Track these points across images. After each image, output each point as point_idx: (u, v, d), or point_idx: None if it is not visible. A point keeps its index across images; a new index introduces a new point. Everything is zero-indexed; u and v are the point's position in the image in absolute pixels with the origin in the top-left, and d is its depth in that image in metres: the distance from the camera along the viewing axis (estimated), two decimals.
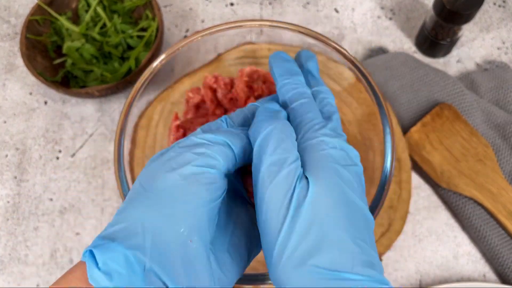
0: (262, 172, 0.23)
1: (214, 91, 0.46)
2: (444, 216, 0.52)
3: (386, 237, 0.49)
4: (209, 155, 0.24)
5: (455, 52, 0.60)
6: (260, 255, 0.28)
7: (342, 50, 0.40)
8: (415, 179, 0.53)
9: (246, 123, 0.29)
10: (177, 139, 0.44)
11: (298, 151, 0.25)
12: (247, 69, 0.46)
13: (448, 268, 0.50)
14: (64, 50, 0.57)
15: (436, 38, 0.56)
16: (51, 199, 0.54)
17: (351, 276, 0.20)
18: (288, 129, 0.25)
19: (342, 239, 0.21)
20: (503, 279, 0.49)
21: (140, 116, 0.45)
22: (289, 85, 0.28)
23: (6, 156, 0.57)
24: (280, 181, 0.22)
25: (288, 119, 0.28)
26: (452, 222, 0.52)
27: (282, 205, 0.22)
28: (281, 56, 0.31)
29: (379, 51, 0.60)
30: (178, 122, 0.45)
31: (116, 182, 0.38)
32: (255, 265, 0.33)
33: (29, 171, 0.56)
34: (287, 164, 0.23)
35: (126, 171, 0.38)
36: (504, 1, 0.63)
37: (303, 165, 0.24)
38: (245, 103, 0.45)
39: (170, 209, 0.22)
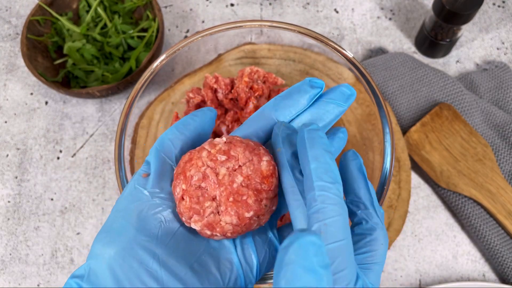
0: None
1: (214, 91, 0.46)
2: (443, 215, 0.52)
3: None
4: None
5: (455, 53, 0.60)
6: None
7: (342, 50, 0.40)
8: (415, 178, 0.54)
9: None
10: None
11: None
12: (247, 69, 0.46)
13: (448, 268, 0.50)
14: (65, 51, 0.57)
15: (435, 38, 0.56)
16: (51, 199, 0.54)
17: None
18: None
19: None
20: (502, 279, 0.49)
21: (141, 116, 0.45)
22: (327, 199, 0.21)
23: (7, 156, 0.57)
24: None
25: None
26: (451, 221, 0.52)
27: None
28: (322, 140, 0.22)
29: (378, 52, 0.60)
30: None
31: (116, 181, 0.38)
32: None
33: (30, 171, 0.56)
34: None
35: (126, 171, 0.38)
36: (503, 2, 0.63)
37: None
38: (246, 103, 0.45)
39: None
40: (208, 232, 0.24)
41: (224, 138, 0.25)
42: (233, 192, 0.23)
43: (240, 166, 0.24)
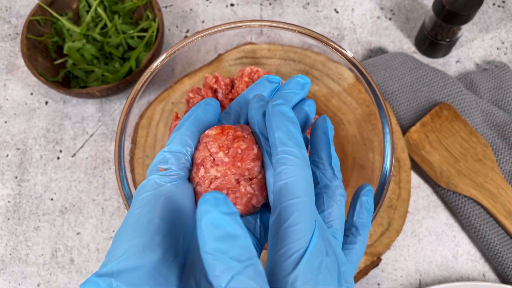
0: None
1: (214, 91, 0.46)
2: (443, 215, 0.52)
3: (386, 236, 0.49)
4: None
5: (455, 52, 0.60)
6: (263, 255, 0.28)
7: (342, 50, 0.40)
8: (415, 178, 0.54)
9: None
10: None
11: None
12: (247, 69, 0.46)
13: (448, 268, 0.50)
14: (65, 51, 0.57)
15: (435, 38, 0.56)
16: (51, 199, 0.55)
17: None
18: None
19: None
20: (502, 279, 0.49)
21: (141, 116, 0.45)
22: (289, 161, 0.23)
23: (7, 156, 0.57)
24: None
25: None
26: (451, 221, 0.52)
27: None
28: (285, 113, 0.24)
29: (378, 52, 0.60)
30: (178, 122, 0.45)
31: (116, 181, 0.38)
32: None
33: (30, 171, 0.56)
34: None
35: (126, 170, 0.38)
36: (503, 2, 0.63)
37: None
38: None
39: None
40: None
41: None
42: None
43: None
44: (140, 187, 0.25)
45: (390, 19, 0.63)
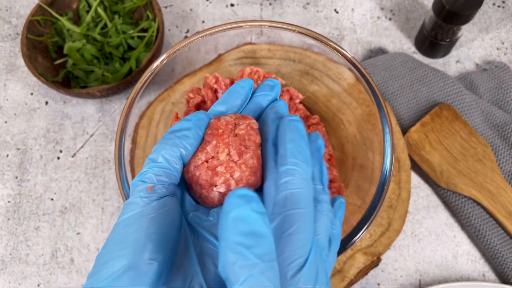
0: None
1: (214, 91, 0.46)
2: (443, 215, 0.52)
3: (386, 236, 0.49)
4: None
5: (455, 53, 0.60)
6: None
7: (342, 50, 0.40)
8: (415, 178, 0.54)
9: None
10: None
11: None
12: (247, 69, 0.46)
13: (448, 268, 0.50)
14: (65, 51, 0.57)
15: (435, 38, 0.56)
16: (52, 199, 0.55)
17: None
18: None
19: None
20: (502, 279, 0.49)
21: (141, 116, 0.45)
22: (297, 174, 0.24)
23: (7, 156, 0.57)
24: None
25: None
26: (451, 221, 0.52)
27: None
28: (300, 130, 0.25)
29: (378, 52, 0.60)
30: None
31: (116, 181, 0.38)
32: None
33: (30, 171, 0.56)
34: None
35: (126, 171, 0.38)
36: (503, 2, 0.63)
37: None
38: None
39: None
40: None
41: None
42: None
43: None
44: (127, 204, 0.25)
45: (390, 19, 0.63)
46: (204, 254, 0.26)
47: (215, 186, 0.26)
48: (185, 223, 0.27)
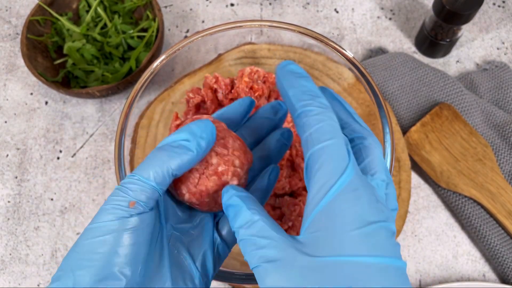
0: None
1: (214, 91, 0.46)
2: (443, 215, 0.52)
3: None
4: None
5: (455, 52, 0.60)
6: None
7: (342, 50, 0.40)
8: (415, 178, 0.54)
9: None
10: None
11: None
12: (247, 69, 0.46)
13: (448, 268, 0.50)
14: (65, 51, 0.57)
15: (435, 38, 0.56)
16: (51, 199, 0.54)
17: None
18: None
19: None
20: (502, 279, 0.49)
21: (141, 116, 0.45)
22: (313, 113, 0.22)
23: (7, 156, 0.57)
24: None
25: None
26: (451, 221, 0.52)
27: None
28: (293, 70, 0.24)
29: (378, 51, 0.60)
30: (178, 122, 0.45)
31: (116, 181, 0.38)
32: None
33: (29, 171, 0.56)
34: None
35: (126, 170, 0.38)
36: (503, 2, 0.63)
37: None
38: None
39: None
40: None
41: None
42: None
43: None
44: (104, 211, 0.23)
45: (390, 19, 0.63)
46: (178, 269, 0.25)
47: (228, 183, 0.26)
48: (165, 235, 0.26)
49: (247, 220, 0.22)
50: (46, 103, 0.59)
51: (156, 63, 0.41)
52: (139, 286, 0.23)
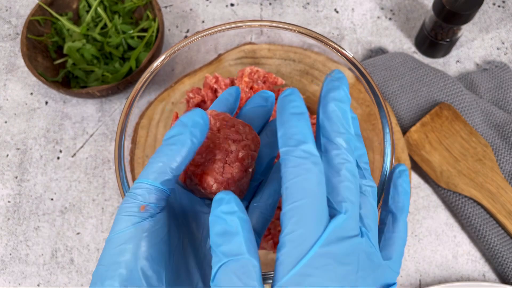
0: None
1: (214, 91, 0.46)
2: (443, 215, 0.52)
3: None
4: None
5: (455, 52, 0.60)
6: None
7: (342, 50, 0.40)
8: (415, 178, 0.54)
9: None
10: None
11: None
12: (247, 69, 0.46)
13: (448, 268, 0.50)
14: (65, 51, 0.57)
15: (435, 38, 0.56)
16: (51, 199, 0.55)
17: None
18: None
19: None
20: (502, 279, 0.49)
21: (141, 116, 0.45)
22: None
23: (7, 156, 0.57)
24: None
25: None
26: (451, 221, 0.52)
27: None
28: (291, 103, 0.22)
29: (378, 52, 0.60)
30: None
31: (116, 181, 0.38)
32: None
33: (30, 171, 0.56)
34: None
35: (126, 170, 0.38)
36: (503, 2, 0.63)
37: None
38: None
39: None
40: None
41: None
42: None
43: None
44: (119, 220, 0.23)
45: (390, 19, 0.63)
46: (209, 266, 0.25)
47: (249, 168, 0.27)
48: (184, 230, 0.26)
49: (236, 253, 0.20)
50: (46, 103, 0.59)
51: (156, 63, 0.41)
52: (169, 282, 0.23)
